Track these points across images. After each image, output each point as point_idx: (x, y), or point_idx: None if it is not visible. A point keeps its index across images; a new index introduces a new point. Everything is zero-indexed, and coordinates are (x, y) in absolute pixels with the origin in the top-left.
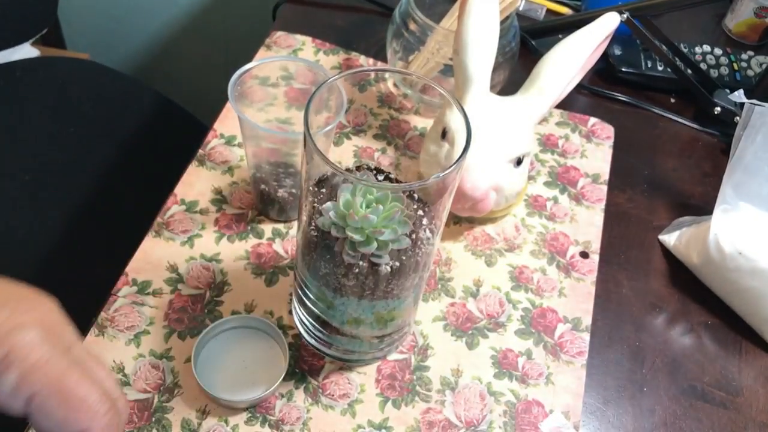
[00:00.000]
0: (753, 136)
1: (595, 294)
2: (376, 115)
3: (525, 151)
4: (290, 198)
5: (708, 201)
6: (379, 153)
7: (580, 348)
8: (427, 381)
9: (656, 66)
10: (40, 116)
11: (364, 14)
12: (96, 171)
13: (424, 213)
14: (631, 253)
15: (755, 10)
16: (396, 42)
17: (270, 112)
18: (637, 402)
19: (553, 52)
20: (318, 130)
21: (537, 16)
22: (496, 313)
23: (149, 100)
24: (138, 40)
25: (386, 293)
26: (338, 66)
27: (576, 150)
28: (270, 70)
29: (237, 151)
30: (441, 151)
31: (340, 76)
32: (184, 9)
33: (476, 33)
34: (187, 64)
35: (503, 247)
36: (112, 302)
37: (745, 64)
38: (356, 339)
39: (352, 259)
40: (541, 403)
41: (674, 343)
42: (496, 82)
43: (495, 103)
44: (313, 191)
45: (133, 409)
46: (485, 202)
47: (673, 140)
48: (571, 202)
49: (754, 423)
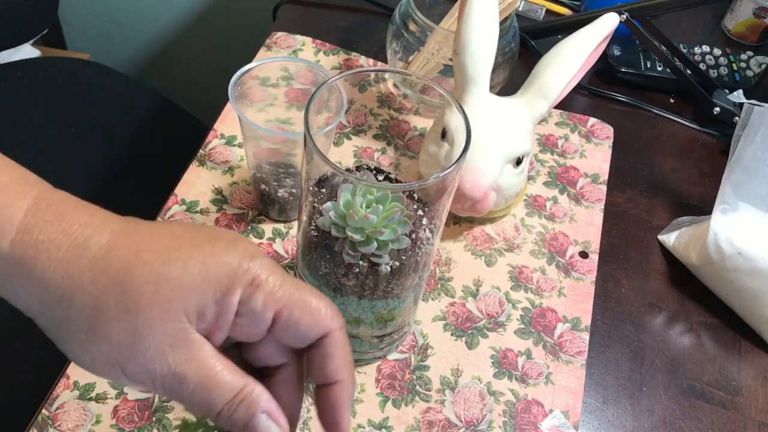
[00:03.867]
0: (752, 136)
1: (594, 294)
2: (376, 116)
3: (524, 151)
4: (290, 198)
5: (707, 201)
6: (379, 153)
7: (579, 348)
8: (427, 381)
9: (655, 66)
10: (41, 116)
11: (364, 15)
12: (96, 171)
13: (423, 213)
14: (630, 253)
15: (754, 11)
16: (396, 42)
17: (270, 112)
18: (636, 401)
19: (552, 52)
20: (318, 130)
21: (536, 17)
22: (496, 313)
23: (149, 100)
24: (138, 40)
25: (386, 293)
26: (338, 66)
27: (575, 150)
28: (270, 71)
29: (237, 151)
30: (441, 151)
31: (340, 77)
32: (184, 9)
33: (476, 33)
34: (187, 65)
35: (503, 246)
36: None
37: (744, 64)
38: (356, 338)
39: (352, 259)
40: (540, 402)
41: (673, 342)
42: (496, 82)
43: (495, 103)
44: (313, 191)
45: (133, 409)
46: (485, 203)
47: (672, 140)
48: (570, 202)
49: (753, 422)
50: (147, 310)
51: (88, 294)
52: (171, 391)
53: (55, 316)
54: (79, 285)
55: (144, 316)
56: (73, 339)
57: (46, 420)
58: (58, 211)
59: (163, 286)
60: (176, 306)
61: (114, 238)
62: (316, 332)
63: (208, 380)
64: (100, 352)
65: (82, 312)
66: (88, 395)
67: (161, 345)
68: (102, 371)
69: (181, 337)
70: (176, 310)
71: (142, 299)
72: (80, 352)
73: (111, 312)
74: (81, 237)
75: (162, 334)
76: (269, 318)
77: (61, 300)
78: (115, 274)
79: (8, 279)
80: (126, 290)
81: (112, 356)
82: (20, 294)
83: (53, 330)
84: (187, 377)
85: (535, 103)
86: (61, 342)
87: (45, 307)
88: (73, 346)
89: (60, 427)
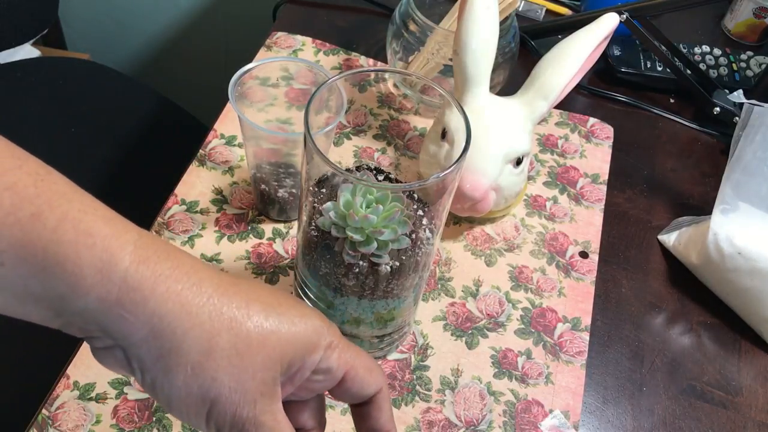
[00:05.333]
0: (752, 136)
1: (594, 294)
2: (376, 116)
3: (525, 151)
4: (290, 198)
5: (707, 201)
6: (379, 153)
7: (579, 348)
8: (427, 381)
9: (655, 66)
10: (41, 116)
11: (364, 15)
12: (96, 171)
13: (423, 213)
14: (630, 253)
15: (754, 11)
16: (396, 42)
17: (270, 112)
18: (636, 401)
19: (552, 52)
20: (318, 130)
21: (537, 17)
22: (496, 313)
23: (149, 100)
24: (138, 40)
25: (386, 293)
26: (338, 66)
27: (575, 150)
28: (270, 71)
29: (237, 151)
30: (441, 151)
31: (340, 77)
32: (184, 9)
33: (476, 33)
34: (187, 65)
35: (503, 246)
36: None
37: (744, 64)
38: (356, 338)
39: (352, 259)
40: (540, 402)
41: (673, 342)
42: (496, 82)
43: (495, 103)
44: (313, 191)
45: (133, 409)
46: (485, 203)
47: (672, 140)
48: (570, 202)
49: (753, 422)
50: (255, 355)
51: (205, 331)
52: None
53: (163, 346)
54: (198, 321)
55: (252, 360)
56: (178, 372)
57: (46, 420)
58: (165, 248)
59: (270, 336)
60: (277, 356)
61: (224, 285)
62: (374, 389)
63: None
64: (201, 388)
65: (195, 347)
66: (88, 395)
67: (255, 391)
68: (188, 407)
69: (272, 387)
70: (276, 360)
71: (252, 345)
72: (180, 386)
73: (224, 352)
74: (195, 277)
75: (260, 381)
76: (340, 376)
77: (176, 332)
78: (230, 318)
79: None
80: (239, 335)
81: (210, 394)
82: (125, 321)
83: (155, 360)
84: (264, 427)
85: (535, 103)
86: (160, 373)
87: (155, 337)
88: (174, 379)
89: (60, 427)
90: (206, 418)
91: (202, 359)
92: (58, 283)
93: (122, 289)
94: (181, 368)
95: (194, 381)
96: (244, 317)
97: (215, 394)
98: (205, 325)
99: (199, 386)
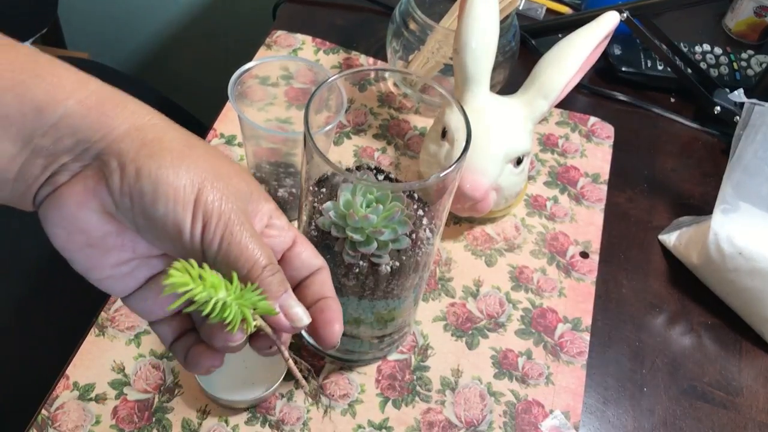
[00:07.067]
0: (753, 135)
1: (595, 294)
2: (376, 115)
3: (525, 150)
4: (290, 198)
5: (708, 201)
6: (379, 153)
7: (580, 348)
8: (427, 381)
9: (656, 65)
10: None
11: (364, 13)
12: None
13: (424, 213)
14: (630, 253)
15: (755, 10)
16: (396, 41)
17: (270, 111)
18: (637, 402)
19: (552, 51)
20: (318, 129)
21: (537, 16)
22: (496, 313)
23: (149, 99)
24: (138, 39)
25: (386, 293)
26: (338, 65)
27: (576, 149)
28: (270, 70)
29: (237, 151)
30: (441, 150)
31: (340, 76)
32: (184, 8)
33: (476, 32)
34: (187, 64)
35: (503, 247)
36: (113, 302)
37: (744, 63)
38: (356, 339)
39: (352, 259)
40: (541, 403)
41: (674, 343)
42: (496, 82)
43: (495, 102)
44: (313, 191)
45: (133, 410)
46: (485, 202)
47: (673, 140)
48: (570, 201)
49: (753, 423)
50: (228, 167)
51: (183, 133)
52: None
53: (146, 136)
54: (174, 126)
55: (226, 170)
56: (163, 155)
57: (46, 420)
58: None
59: (234, 166)
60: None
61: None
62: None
63: (262, 237)
64: (189, 171)
65: (176, 140)
66: (88, 395)
67: (235, 193)
68: (176, 192)
69: (245, 202)
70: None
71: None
72: (167, 166)
73: (201, 150)
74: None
75: (236, 188)
76: (291, 236)
77: (156, 126)
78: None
79: (99, 105)
80: (210, 150)
81: (198, 178)
82: (106, 118)
83: (138, 148)
84: (247, 224)
85: (535, 103)
86: (145, 158)
87: (137, 129)
88: (162, 160)
89: (60, 428)
90: (193, 207)
91: (185, 149)
92: (36, 92)
93: (100, 95)
94: (166, 152)
95: (181, 163)
96: (215, 149)
97: (202, 178)
98: (180, 131)
99: (186, 169)
